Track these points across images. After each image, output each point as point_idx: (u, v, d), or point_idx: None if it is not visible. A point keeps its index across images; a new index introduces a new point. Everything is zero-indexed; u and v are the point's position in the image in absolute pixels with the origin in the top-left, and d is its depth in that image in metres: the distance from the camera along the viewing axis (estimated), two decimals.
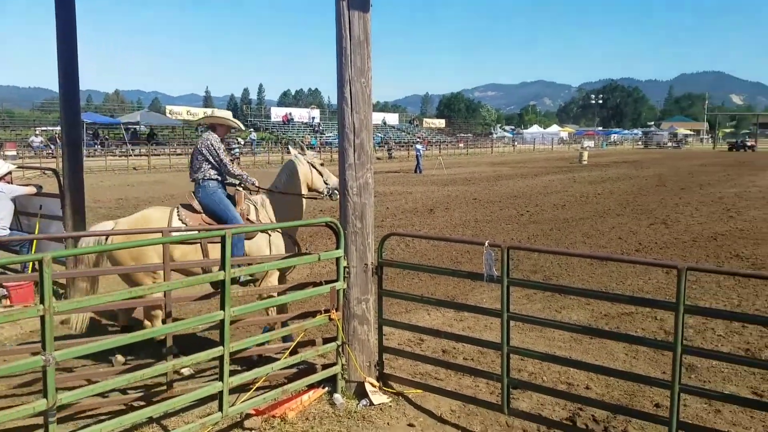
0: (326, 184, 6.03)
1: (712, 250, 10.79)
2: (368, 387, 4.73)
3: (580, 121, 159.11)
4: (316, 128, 67.47)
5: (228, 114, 42.67)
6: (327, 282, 4.78)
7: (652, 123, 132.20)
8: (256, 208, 5.80)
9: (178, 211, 5.50)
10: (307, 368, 4.94)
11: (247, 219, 5.70)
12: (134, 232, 5.05)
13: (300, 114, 72.54)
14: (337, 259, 4.67)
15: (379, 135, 64.70)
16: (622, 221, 14.18)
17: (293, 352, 4.66)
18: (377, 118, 77.46)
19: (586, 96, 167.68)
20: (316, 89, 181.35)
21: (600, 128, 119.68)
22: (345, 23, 4.42)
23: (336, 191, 5.78)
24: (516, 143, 77.75)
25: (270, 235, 5.53)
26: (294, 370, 4.94)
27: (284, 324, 4.93)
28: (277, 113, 70.64)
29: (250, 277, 5.39)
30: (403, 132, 76.73)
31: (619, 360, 5.67)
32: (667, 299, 4.25)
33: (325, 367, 4.87)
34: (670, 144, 76.41)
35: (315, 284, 4.89)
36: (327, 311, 4.70)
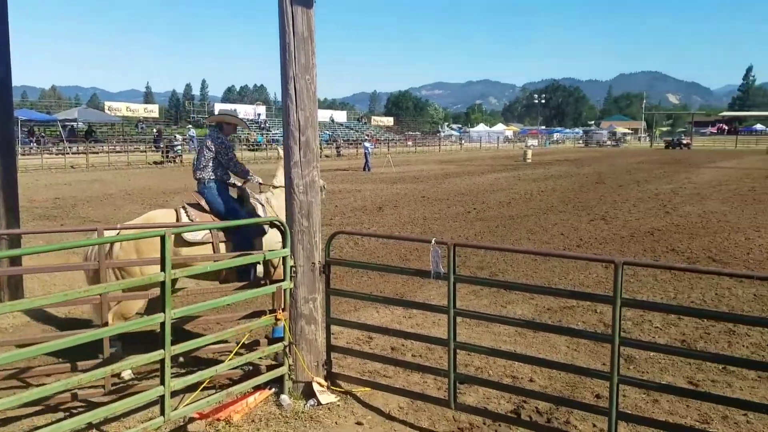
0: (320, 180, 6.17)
1: (649, 244, 11.20)
2: (316, 387, 4.70)
3: (524, 120, 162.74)
4: (262, 125, 66.53)
5: (234, 112, 41.27)
6: (272, 282, 4.72)
7: (593, 122, 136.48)
8: (262, 206, 5.82)
9: (186, 211, 5.42)
10: (253, 370, 4.87)
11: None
12: (142, 226, 4.95)
13: (245, 110, 71.30)
14: (284, 259, 4.62)
15: (327, 132, 64.34)
16: (564, 218, 14.57)
17: (240, 354, 4.58)
18: (325, 115, 77.04)
19: (530, 95, 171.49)
20: (262, 85, 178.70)
21: (543, 127, 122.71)
22: (288, 19, 4.36)
23: (325, 184, 6.05)
24: (463, 142, 78.83)
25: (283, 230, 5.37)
26: (240, 371, 4.86)
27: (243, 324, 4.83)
28: (221, 109, 69.30)
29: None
30: (352, 130, 76.61)
31: (561, 353, 5.82)
32: (606, 293, 4.37)
33: (271, 368, 4.81)
34: (609, 142, 78.96)
35: (261, 284, 4.82)
36: (273, 311, 4.64)
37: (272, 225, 4.86)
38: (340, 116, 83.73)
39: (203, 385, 4.37)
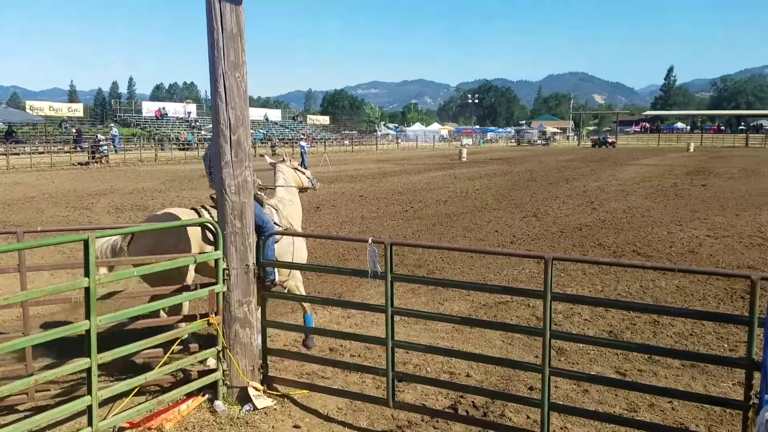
0: (309, 178, 6.60)
1: (578, 240, 11.61)
2: (251, 391, 4.59)
3: (459, 119, 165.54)
4: (193, 123, 64.84)
5: None
6: (204, 285, 4.58)
7: (524, 121, 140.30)
8: (276, 210, 5.90)
9: (209, 212, 5.33)
10: (186, 376, 4.71)
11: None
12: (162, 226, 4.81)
13: (175, 109, 69.33)
14: (216, 261, 4.49)
15: (262, 131, 63.41)
16: (498, 215, 14.90)
17: (171, 360, 4.42)
18: (260, 113, 75.88)
19: (464, 95, 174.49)
20: (192, 83, 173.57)
21: (477, 126, 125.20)
22: (216, 16, 4.24)
23: (316, 182, 6.70)
24: (400, 141, 79.43)
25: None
26: (171, 378, 4.69)
27: (168, 328, 4.65)
28: (150, 108, 66.99)
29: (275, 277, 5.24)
30: (287, 128, 75.78)
31: (497, 347, 5.94)
32: (538, 288, 4.48)
33: (204, 373, 4.66)
34: (539, 141, 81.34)
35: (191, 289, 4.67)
36: (205, 316, 4.50)
37: (203, 227, 4.72)
38: (275, 115, 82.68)
39: (133, 394, 4.19)
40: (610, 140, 67.95)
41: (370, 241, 4.36)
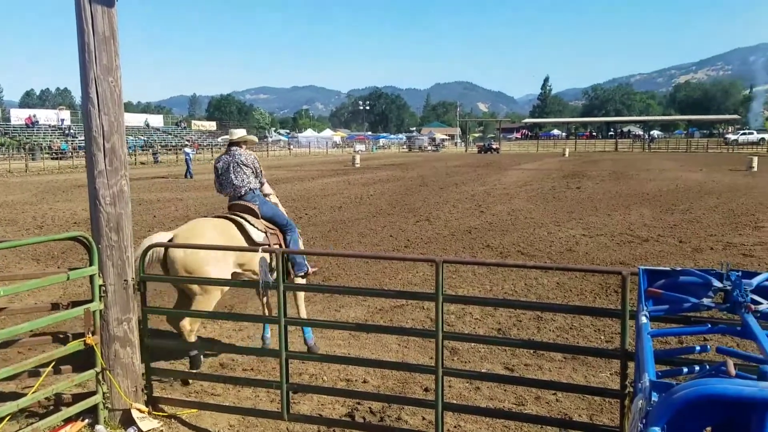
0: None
1: (468, 242, 12.01)
2: (135, 413, 4.30)
3: (351, 125, 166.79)
4: (66, 131, 60.59)
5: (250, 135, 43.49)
6: (76, 303, 4.23)
7: (414, 128, 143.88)
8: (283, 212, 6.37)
9: (242, 217, 5.75)
10: (63, 400, 4.33)
11: None
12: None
13: (47, 116, 64.48)
14: (91, 277, 4.16)
15: (143, 138, 60.38)
16: (392, 220, 15.11)
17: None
18: (140, 119, 72.37)
19: (355, 102, 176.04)
20: (66, 88, 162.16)
21: (369, 133, 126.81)
22: (87, 17, 3.94)
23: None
24: (292, 147, 78.68)
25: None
26: (47, 403, 4.30)
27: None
28: (19, 115, 61.98)
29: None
30: (170, 135, 72.66)
31: (393, 351, 5.97)
32: (430, 291, 4.55)
33: (82, 397, 4.31)
34: (429, 147, 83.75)
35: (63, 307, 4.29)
36: (80, 336, 4.16)
37: (77, 241, 4.37)
38: (157, 120, 79.07)
39: (5, 422, 3.79)
40: (494, 146, 71.38)
41: (261, 251, 4.24)
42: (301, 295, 6.11)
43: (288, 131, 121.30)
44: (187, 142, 50.18)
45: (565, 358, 5.72)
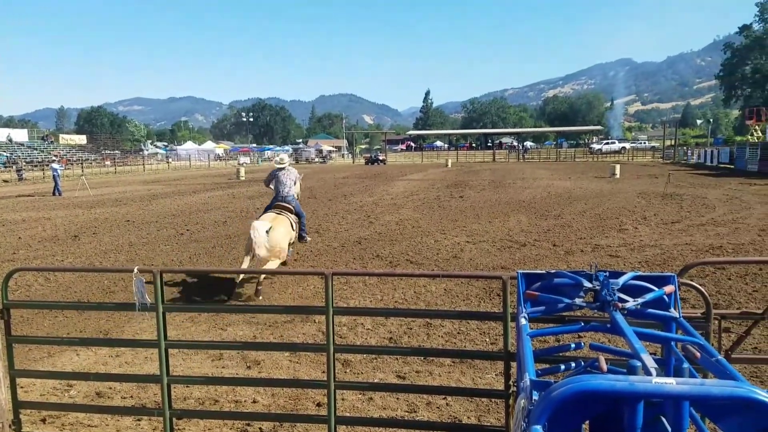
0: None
1: (358, 252, 12.07)
2: None
3: (235, 137, 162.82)
4: None
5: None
6: None
7: (301, 140, 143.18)
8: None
9: (285, 214, 9.51)
10: None
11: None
12: None
13: None
14: None
15: (5, 154, 55.29)
16: None
17: None
18: (1, 134, 66.41)
19: (238, 113, 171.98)
20: None
21: (254, 145, 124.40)
22: None
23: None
24: (170, 160, 75.35)
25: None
26: None
27: None
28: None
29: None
30: (36, 150, 67.18)
31: (283, 368, 5.84)
32: (321, 304, 4.50)
33: None
34: (317, 159, 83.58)
35: None
36: None
37: None
38: (20, 135, 73.00)
39: None
40: (381, 158, 72.61)
41: (136, 270, 3.98)
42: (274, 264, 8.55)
43: (166, 144, 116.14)
44: (54, 158, 46.37)
45: (453, 362, 5.88)
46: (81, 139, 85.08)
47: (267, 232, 8.53)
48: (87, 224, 17.10)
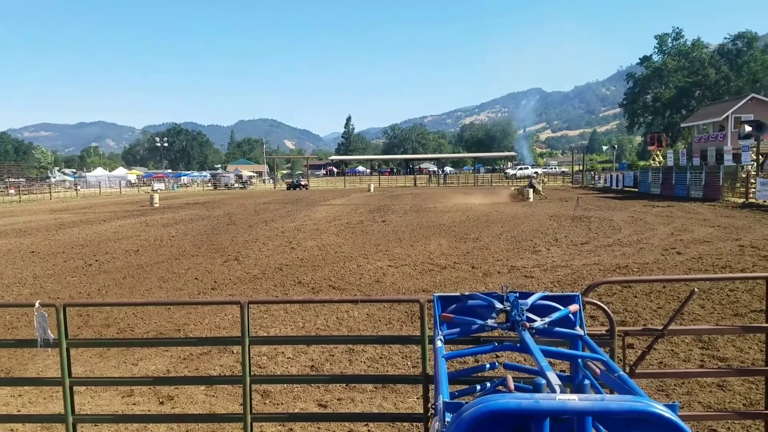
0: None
1: (279, 279, 11.87)
2: None
3: (148, 163, 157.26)
4: None
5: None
6: None
7: (219, 165, 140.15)
8: None
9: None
10: None
11: None
12: None
13: None
14: None
15: None
16: (197, 261, 14.40)
17: None
18: None
19: (152, 138, 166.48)
20: None
21: (169, 171, 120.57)
22: None
23: None
24: (79, 187, 71.72)
25: None
26: None
27: None
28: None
29: None
30: None
31: (199, 402, 5.62)
32: (238, 335, 4.41)
33: None
34: (237, 185, 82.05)
35: None
36: None
37: None
38: None
39: None
40: (303, 183, 72.30)
41: (37, 304, 3.75)
42: None
43: (74, 170, 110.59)
44: None
45: (375, 387, 5.87)
46: None
47: None
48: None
